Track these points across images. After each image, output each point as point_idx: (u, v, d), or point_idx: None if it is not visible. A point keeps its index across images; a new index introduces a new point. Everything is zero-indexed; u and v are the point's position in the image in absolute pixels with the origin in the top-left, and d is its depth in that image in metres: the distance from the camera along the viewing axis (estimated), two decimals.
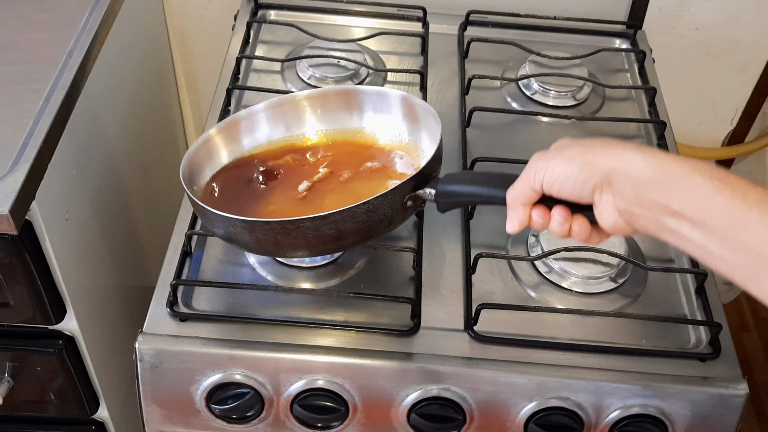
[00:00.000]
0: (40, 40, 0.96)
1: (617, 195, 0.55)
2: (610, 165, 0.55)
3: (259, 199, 0.82)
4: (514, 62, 1.16)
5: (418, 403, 0.80)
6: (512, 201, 0.62)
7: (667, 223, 0.53)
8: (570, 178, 0.57)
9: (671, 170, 0.52)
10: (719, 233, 0.50)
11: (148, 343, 0.79)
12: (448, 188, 0.72)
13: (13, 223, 0.78)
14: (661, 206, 0.52)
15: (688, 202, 0.51)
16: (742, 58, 1.35)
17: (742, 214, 0.49)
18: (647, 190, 0.53)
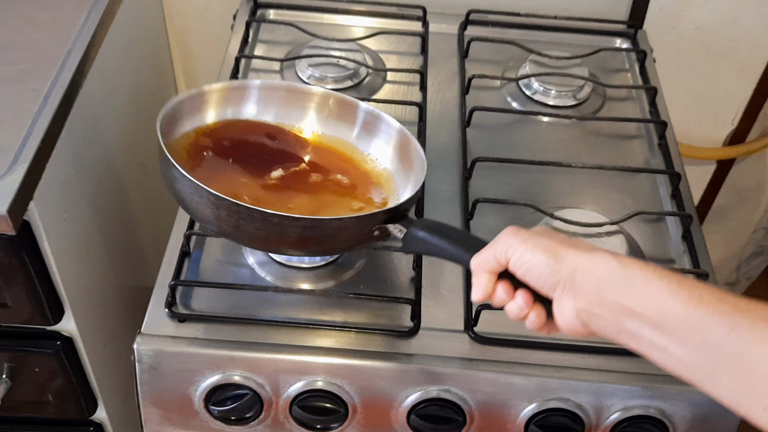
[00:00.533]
0: (39, 40, 0.95)
1: (579, 295, 0.56)
2: (577, 264, 0.56)
3: (230, 168, 0.81)
4: (514, 62, 1.16)
5: (418, 404, 0.80)
6: (476, 267, 0.62)
7: (627, 324, 0.54)
8: (537, 267, 0.58)
9: (632, 273, 0.54)
10: (677, 334, 0.52)
11: (146, 344, 0.79)
12: (419, 234, 0.70)
13: (12, 224, 0.78)
14: (622, 307, 0.54)
15: (647, 303, 0.53)
16: (742, 58, 1.34)
17: (698, 315, 0.51)
18: (609, 291, 0.54)
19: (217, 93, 0.85)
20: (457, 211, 0.94)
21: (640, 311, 0.53)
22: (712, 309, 0.51)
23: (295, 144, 0.87)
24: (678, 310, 0.51)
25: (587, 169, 0.98)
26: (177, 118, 0.81)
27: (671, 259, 0.92)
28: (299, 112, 0.89)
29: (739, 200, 1.61)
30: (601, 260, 0.55)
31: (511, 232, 0.61)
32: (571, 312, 0.57)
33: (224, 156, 0.83)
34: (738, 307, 0.50)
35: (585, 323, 0.56)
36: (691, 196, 0.98)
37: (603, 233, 0.89)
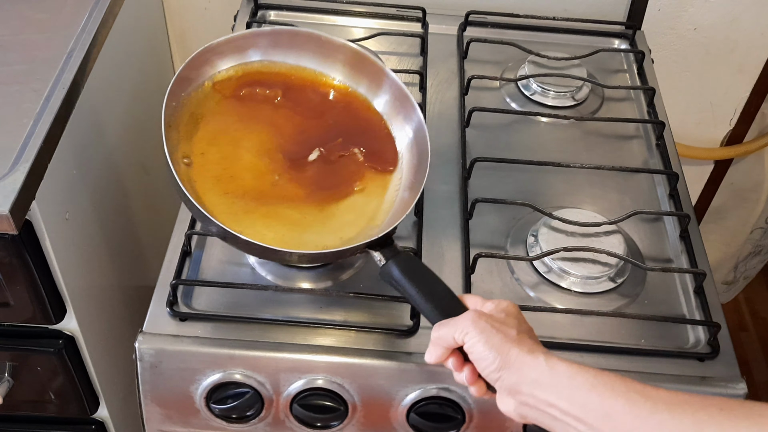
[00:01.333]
0: (41, 41, 0.96)
1: (516, 394, 0.63)
2: (518, 367, 0.62)
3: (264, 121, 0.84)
4: (513, 62, 1.16)
5: (418, 402, 0.80)
6: (435, 340, 0.67)
7: (557, 417, 0.60)
8: (484, 362, 0.64)
9: (559, 373, 0.61)
10: (596, 425, 0.58)
11: (147, 343, 0.79)
12: (395, 274, 0.71)
13: (13, 223, 0.78)
14: (551, 404, 0.60)
15: (571, 400, 0.60)
16: (740, 59, 1.35)
17: (610, 405, 0.58)
18: (541, 390, 0.61)
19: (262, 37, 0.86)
20: (457, 211, 0.94)
21: (565, 407, 0.60)
22: (621, 398, 0.58)
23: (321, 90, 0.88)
24: (595, 402, 0.58)
25: (586, 169, 0.98)
26: (217, 55, 0.83)
27: (669, 258, 0.92)
28: (324, 60, 0.88)
29: (737, 200, 1.61)
30: (536, 363, 0.62)
31: (472, 319, 0.65)
32: (510, 405, 0.64)
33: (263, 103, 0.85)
34: (644, 393, 0.58)
35: (522, 415, 0.63)
36: (688, 196, 0.99)
37: (601, 233, 0.90)
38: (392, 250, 0.74)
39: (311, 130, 0.86)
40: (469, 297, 0.70)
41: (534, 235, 0.90)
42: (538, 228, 0.90)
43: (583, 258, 0.87)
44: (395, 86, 0.85)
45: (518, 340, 0.63)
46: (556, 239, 0.89)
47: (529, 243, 0.90)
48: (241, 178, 0.80)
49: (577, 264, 0.87)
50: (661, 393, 0.57)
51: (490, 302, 0.68)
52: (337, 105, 0.87)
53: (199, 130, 0.82)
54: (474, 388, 0.67)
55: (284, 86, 0.87)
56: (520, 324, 0.66)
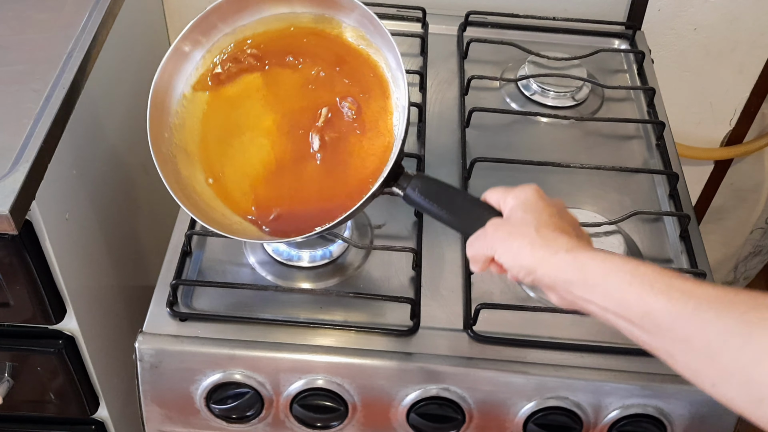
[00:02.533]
0: (40, 41, 0.96)
1: (550, 291, 0.63)
2: (543, 271, 0.61)
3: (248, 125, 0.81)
4: (513, 63, 1.16)
5: (418, 402, 0.80)
6: (472, 257, 0.68)
7: (595, 312, 0.59)
8: (513, 270, 0.64)
9: (589, 272, 0.59)
10: (636, 321, 0.56)
11: (148, 343, 0.79)
12: (416, 199, 0.73)
13: (13, 223, 0.78)
14: (588, 301, 0.59)
15: (607, 297, 0.57)
16: (741, 59, 1.35)
17: (650, 303, 0.55)
18: (575, 288, 0.59)
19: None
20: None
21: (603, 305, 0.58)
22: (662, 297, 0.54)
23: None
24: (633, 301, 0.56)
25: (586, 169, 0.98)
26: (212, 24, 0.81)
27: (669, 258, 0.92)
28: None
29: (737, 200, 1.61)
30: (561, 264, 0.60)
31: (493, 229, 0.66)
32: (554, 299, 0.63)
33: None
34: (685, 291, 0.54)
35: (569, 307, 0.62)
36: (688, 197, 0.99)
37: (601, 233, 0.90)
38: (406, 177, 0.73)
39: (302, 93, 0.82)
40: (491, 193, 0.70)
41: None
42: None
43: None
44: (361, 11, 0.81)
45: (540, 242, 0.62)
46: None
47: None
48: (263, 173, 0.79)
49: None
50: (707, 290, 0.53)
51: (510, 197, 0.67)
52: (314, 44, 0.83)
53: (209, 144, 0.81)
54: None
55: (258, 51, 0.83)
56: (540, 216, 0.65)
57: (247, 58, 0.83)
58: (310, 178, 0.79)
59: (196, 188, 0.79)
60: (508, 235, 0.64)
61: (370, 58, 0.83)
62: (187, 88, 0.82)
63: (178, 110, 0.81)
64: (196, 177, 0.79)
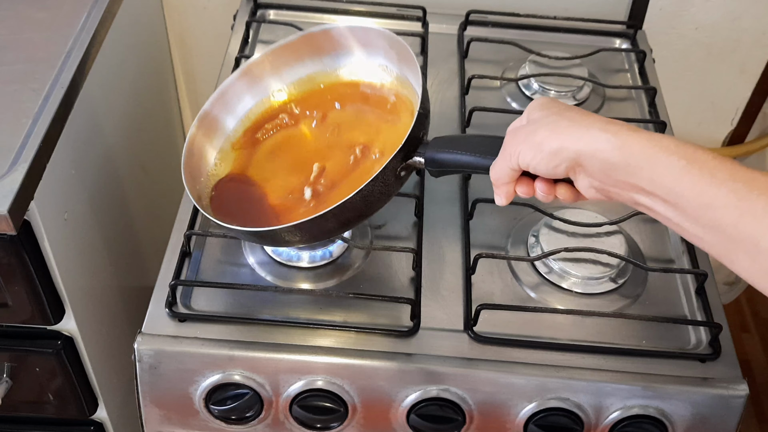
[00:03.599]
0: (39, 40, 0.96)
1: (589, 175, 0.56)
2: (576, 150, 0.55)
3: (261, 193, 0.83)
4: (514, 62, 1.16)
5: (418, 403, 0.80)
6: (496, 180, 0.64)
7: (640, 200, 0.54)
8: (542, 163, 0.58)
9: (633, 153, 0.52)
10: (690, 213, 0.50)
11: (146, 344, 0.79)
12: (437, 156, 0.72)
13: (12, 223, 0.78)
14: (632, 186, 0.53)
15: (656, 182, 0.51)
16: (742, 58, 1.35)
17: (712, 194, 0.49)
18: (616, 171, 0.53)
19: (213, 109, 0.86)
20: (457, 211, 0.94)
21: (651, 189, 0.52)
22: (725, 188, 0.48)
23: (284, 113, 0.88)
24: (688, 190, 0.50)
25: None
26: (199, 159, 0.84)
27: (671, 259, 0.92)
28: (303, 63, 0.88)
29: None
30: (600, 141, 0.54)
31: (512, 135, 0.61)
32: (589, 188, 0.57)
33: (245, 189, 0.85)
34: (753, 185, 0.48)
35: (605, 194, 0.57)
36: None
37: (602, 233, 0.89)
38: (423, 145, 0.73)
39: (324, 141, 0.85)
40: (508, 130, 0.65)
41: (535, 235, 0.90)
42: (539, 228, 0.90)
43: (584, 258, 0.86)
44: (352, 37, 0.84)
45: (567, 122, 0.56)
46: (557, 240, 0.88)
47: (530, 243, 0.90)
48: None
49: (578, 264, 0.86)
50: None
51: (524, 112, 0.63)
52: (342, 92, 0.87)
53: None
54: (560, 194, 0.61)
55: (295, 108, 0.87)
56: (559, 106, 0.60)
57: (282, 117, 0.87)
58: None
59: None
60: (528, 132, 0.58)
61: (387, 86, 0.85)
62: (227, 145, 0.87)
63: (216, 161, 0.85)
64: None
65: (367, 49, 0.85)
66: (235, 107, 0.87)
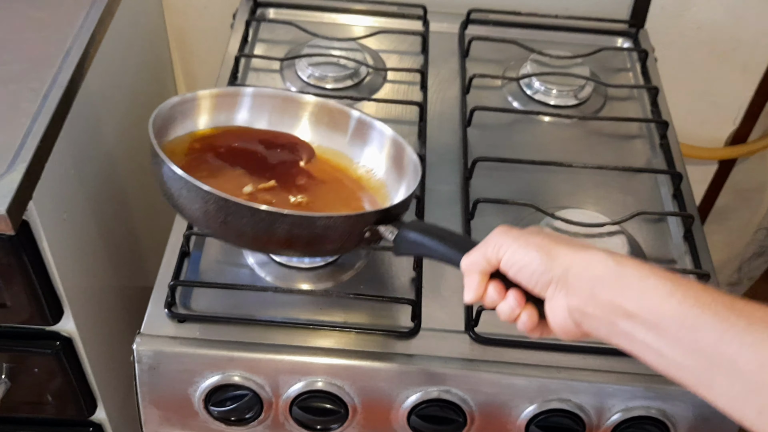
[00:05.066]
0: (38, 39, 0.95)
1: (572, 293, 0.55)
2: (570, 261, 0.55)
3: (223, 175, 0.81)
4: (515, 61, 1.15)
5: (419, 404, 0.79)
6: (467, 267, 0.61)
7: (620, 325, 0.53)
8: (529, 266, 0.57)
9: (627, 272, 0.53)
10: (672, 335, 0.51)
11: (146, 345, 0.79)
12: (410, 235, 0.69)
13: (11, 223, 0.78)
14: (616, 306, 0.53)
15: (642, 303, 0.52)
16: (744, 58, 1.34)
17: (694, 316, 0.50)
18: (603, 289, 0.53)
19: (210, 99, 0.85)
20: (458, 211, 0.94)
21: (634, 311, 0.52)
22: (708, 310, 0.50)
23: (290, 152, 0.87)
24: (673, 310, 0.51)
25: (588, 169, 0.97)
26: (170, 121, 0.82)
27: (673, 259, 0.91)
28: (292, 120, 0.88)
29: (741, 200, 1.60)
30: (595, 258, 0.54)
31: (502, 231, 0.60)
32: (564, 311, 0.56)
33: (219, 161, 0.83)
34: (734, 308, 0.49)
35: (578, 323, 0.56)
36: (692, 197, 0.98)
37: (604, 233, 0.89)
38: (400, 222, 0.72)
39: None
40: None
41: None
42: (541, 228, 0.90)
43: None
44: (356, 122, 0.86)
45: (564, 240, 0.56)
46: None
47: None
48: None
49: None
50: (756, 311, 0.49)
51: (516, 230, 0.61)
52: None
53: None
54: (524, 316, 0.59)
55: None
56: (549, 233, 0.59)
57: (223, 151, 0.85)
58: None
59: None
60: (522, 233, 0.58)
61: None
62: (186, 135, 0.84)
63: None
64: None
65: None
66: (230, 112, 0.87)
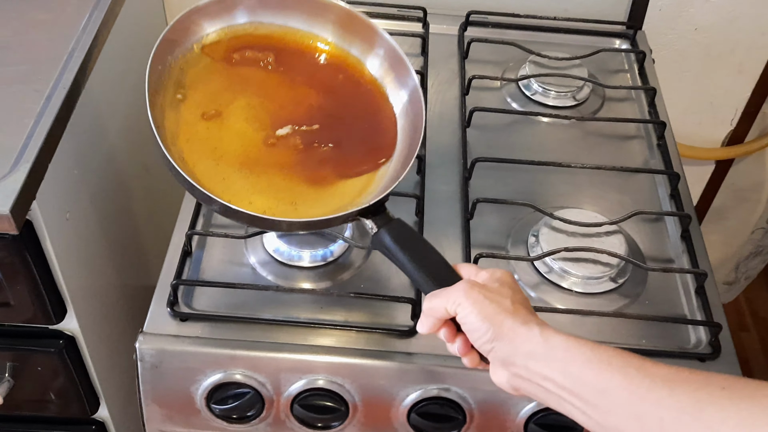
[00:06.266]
0: (41, 41, 0.96)
1: (509, 365, 0.61)
2: (510, 338, 0.61)
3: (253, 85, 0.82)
4: (514, 62, 1.16)
5: (419, 402, 0.80)
6: (428, 310, 0.66)
7: (551, 390, 0.59)
8: (476, 333, 0.62)
9: (554, 345, 0.59)
10: (591, 400, 0.57)
11: (148, 343, 0.79)
12: (385, 241, 0.70)
13: (14, 223, 0.78)
14: (545, 376, 0.59)
15: (566, 373, 0.58)
16: (741, 59, 1.35)
17: (606, 380, 0.56)
18: (535, 363, 0.60)
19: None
20: (457, 211, 0.94)
21: (560, 381, 0.58)
22: (618, 374, 0.56)
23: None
24: (590, 376, 0.57)
25: (587, 169, 0.98)
26: (196, 22, 0.81)
27: (670, 258, 0.92)
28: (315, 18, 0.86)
29: (738, 200, 1.61)
30: (530, 335, 0.60)
31: (464, 290, 0.63)
32: (503, 377, 0.62)
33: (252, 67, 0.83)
34: (642, 369, 0.55)
35: (515, 388, 0.62)
36: (689, 196, 0.98)
37: (602, 233, 0.90)
38: (384, 217, 0.72)
39: (301, 100, 0.83)
40: (463, 266, 0.68)
41: (535, 235, 0.90)
42: (539, 228, 0.90)
43: (584, 258, 0.87)
44: (388, 47, 0.82)
45: (513, 311, 0.62)
46: (557, 239, 0.89)
47: (530, 243, 0.90)
48: (232, 145, 0.78)
49: (578, 264, 0.86)
50: (661, 369, 0.55)
51: (484, 271, 0.66)
52: (330, 70, 0.85)
53: (187, 98, 0.80)
54: (467, 359, 0.66)
55: (275, 49, 0.85)
56: (515, 294, 0.64)
57: (264, 53, 0.84)
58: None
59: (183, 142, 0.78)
60: (481, 297, 0.63)
61: (386, 99, 0.84)
62: (197, 46, 0.82)
63: (179, 55, 0.81)
64: (163, 119, 0.78)
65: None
66: (228, 14, 0.84)
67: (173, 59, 0.80)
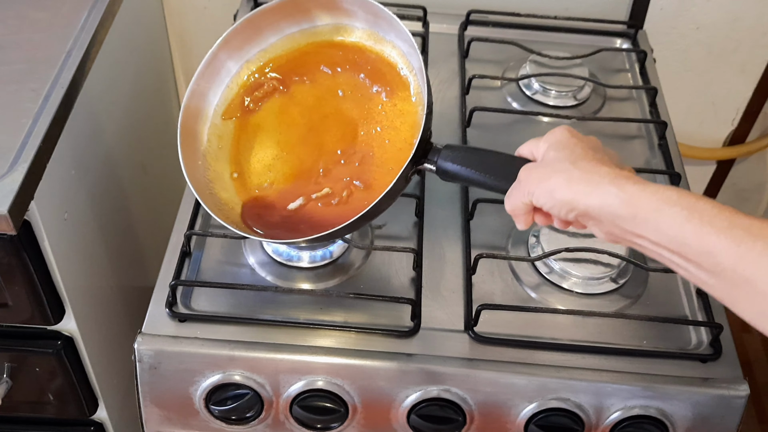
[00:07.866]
0: (39, 40, 0.95)
1: (598, 225, 0.60)
2: (586, 204, 0.59)
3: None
4: (514, 62, 1.16)
5: (418, 404, 0.80)
6: (512, 211, 0.66)
7: (648, 247, 0.57)
8: (553, 209, 0.62)
9: (642, 205, 0.56)
10: (693, 259, 0.54)
11: (147, 344, 0.79)
12: (449, 168, 0.73)
13: (12, 223, 0.78)
14: (639, 236, 0.57)
15: (661, 233, 0.55)
16: (743, 58, 1.34)
17: (711, 242, 0.52)
18: (624, 223, 0.57)
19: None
20: (458, 211, 0.94)
21: (656, 240, 0.55)
22: (723, 235, 0.52)
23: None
24: (691, 238, 0.53)
25: None
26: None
27: None
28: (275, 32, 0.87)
29: (739, 200, 1.61)
30: (610, 195, 0.57)
31: (526, 173, 0.64)
32: (599, 233, 0.61)
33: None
34: (751, 231, 0.51)
35: (614, 240, 0.60)
36: None
37: None
38: (434, 152, 0.73)
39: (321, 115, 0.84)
40: (523, 147, 0.69)
41: (535, 235, 0.90)
42: (540, 228, 0.90)
43: (584, 259, 0.86)
44: (366, 6, 0.82)
45: (578, 176, 0.59)
46: (557, 240, 0.88)
47: (531, 243, 0.90)
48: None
49: (579, 265, 0.86)
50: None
51: (542, 142, 0.66)
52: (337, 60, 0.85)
53: (242, 165, 0.84)
54: (574, 227, 0.65)
55: (280, 73, 0.86)
56: (574, 150, 0.62)
57: (269, 81, 0.86)
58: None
59: (234, 209, 0.81)
60: (542, 175, 0.62)
61: (386, 59, 0.86)
62: (217, 119, 0.85)
63: (210, 137, 0.84)
64: (233, 199, 0.82)
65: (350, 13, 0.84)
66: (219, 77, 0.86)
67: (203, 148, 0.83)
